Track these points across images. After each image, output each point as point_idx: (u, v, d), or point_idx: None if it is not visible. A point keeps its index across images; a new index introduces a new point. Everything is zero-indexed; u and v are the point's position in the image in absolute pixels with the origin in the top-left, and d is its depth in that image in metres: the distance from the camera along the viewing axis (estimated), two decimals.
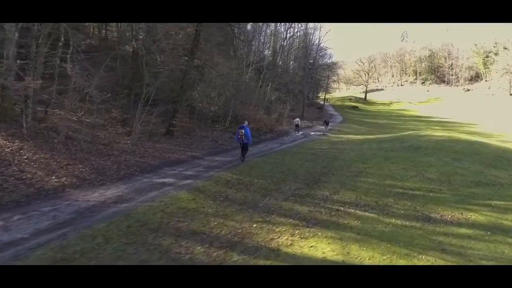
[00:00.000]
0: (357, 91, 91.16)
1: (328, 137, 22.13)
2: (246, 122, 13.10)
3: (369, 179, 9.78)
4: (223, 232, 5.57)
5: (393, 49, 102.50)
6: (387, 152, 13.61)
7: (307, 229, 6.11)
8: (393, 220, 6.95)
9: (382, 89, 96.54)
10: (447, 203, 8.11)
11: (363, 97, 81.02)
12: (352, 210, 7.37)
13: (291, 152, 14.12)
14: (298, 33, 49.22)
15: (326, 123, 27.00)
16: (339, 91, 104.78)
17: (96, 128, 12.48)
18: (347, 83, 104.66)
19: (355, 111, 60.66)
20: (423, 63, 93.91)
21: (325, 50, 53.28)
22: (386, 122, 47.68)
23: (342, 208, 7.45)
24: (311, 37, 48.95)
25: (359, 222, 6.72)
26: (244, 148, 11.74)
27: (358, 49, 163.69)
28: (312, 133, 24.70)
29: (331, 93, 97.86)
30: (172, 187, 7.78)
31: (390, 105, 74.53)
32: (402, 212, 7.49)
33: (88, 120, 12.97)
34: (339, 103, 72.05)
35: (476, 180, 9.87)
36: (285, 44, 44.75)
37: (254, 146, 15.87)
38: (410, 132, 21.30)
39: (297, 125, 24.19)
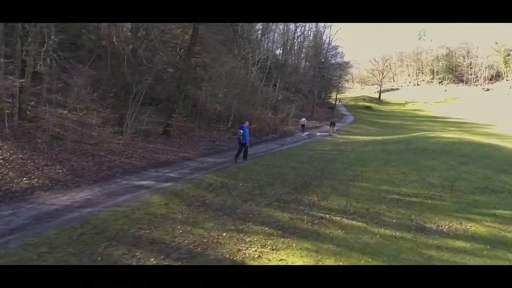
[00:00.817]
0: (371, 91, 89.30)
1: (334, 138, 21.42)
2: (247, 123, 13.05)
3: (364, 183, 9.16)
4: (187, 241, 5.13)
5: (409, 48, 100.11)
6: (390, 154, 12.89)
7: (282, 239, 5.61)
8: (381, 230, 6.37)
9: (397, 89, 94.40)
10: (446, 211, 7.45)
11: (377, 97, 79.17)
12: (338, 218, 6.82)
13: (287, 154, 13.58)
14: (310, 31, 48.52)
15: (333, 124, 26.22)
16: (354, 91, 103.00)
17: (91, 127, 12.32)
18: (361, 82, 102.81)
19: (368, 111, 59.23)
20: (441, 62, 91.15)
21: (336, 49, 52.21)
22: (399, 122, 46.26)
23: (327, 216, 6.90)
24: (322, 35, 48.03)
25: (343, 232, 6.16)
26: (242, 148, 11.67)
27: (373, 48, 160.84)
28: (318, 133, 24.00)
29: (344, 93, 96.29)
30: (149, 190, 7.41)
31: (405, 105, 72.62)
32: (394, 221, 6.89)
33: (85, 119, 12.86)
34: (352, 103, 70.53)
35: (482, 186, 9.12)
36: (295, 42, 44.11)
37: (253, 147, 15.42)
38: (420, 133, 20.35)
39: (302, 125, 23.55)
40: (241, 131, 11.62)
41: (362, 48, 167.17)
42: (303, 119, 24.25)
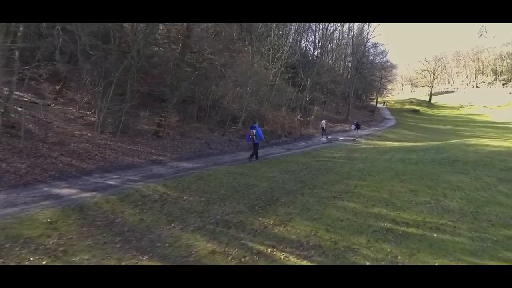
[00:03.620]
0: (422, 94, 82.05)
1: (356, 144, 18.77)
2: (258, 122, 12.83)
3: (351, 203, 6.95)
4: None
5: (467, 47, 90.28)
6: (407, 165, 10.31)
7: None
8: None
9: (452, 91, 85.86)
10: (455, 252, 5.09)
11: (428, 100, 72.39)
12: (283, 255, 4.84)
13: (280, 161, 11.54)
14: (349, 30, 45.19)
15: (357, 126, 23.17)
16: (403, 94, 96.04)
17: (66, 124, 11.55)
18: (411, 84, 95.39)
19: (414, 115, 54.06)
20: (505, 61, 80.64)
21: (377, 47, 48.05)
22: (449, 128, 41.13)
23: (269, 250, 4.95)
24: (361, 33, 44.50)
25: None
26: (255, 147, 11.68)
27: (426, 48, 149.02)
28: (342, 138, 21.38)
29: (391, 95, 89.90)
30: (55, 201, 6.00)
31: (460, 109, 65.32)
32: (367, 263, 4.73)
33: (55, 116, 12.13)
34: (398, 106, 65.16)
35: None
36: (333, 38, 41.22)
37: (251, 151, 13.67)
38: (459, 140, 16.95)
39: (323, 129, 21.15)
40: (254, 131, 11.48)
41: (414, 48, 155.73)
42: (323, 121, 21.75)
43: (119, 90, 12.83)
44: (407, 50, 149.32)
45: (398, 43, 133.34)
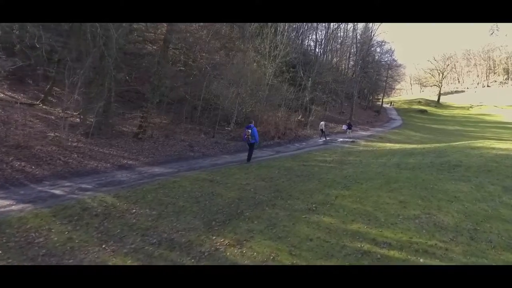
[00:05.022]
0: (431, 93, 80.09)
1: (354, 146, 17.68)
2: (253, 122, 12.55)
3: (326, 218, 5.97)
4: None
5: (478, 45, 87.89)
6: (402, 170, 9.26)
7: None
8: None
9: (462, 91, 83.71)
10: None
11: (436, 99, 70.49)
12: None
13: (261, 165, 10.56)
14: (354, 29, 43.89)
15: (349, 127, 22.01)
16: (411, 93, 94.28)
17: (49, 124, 10.86)
18: (419, 84, 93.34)
19: (422, 116, 52.50)
20: None
21: (382, 45, 46.63)
22: (457, 128, 39.59)
23: None
24: (365, 30, 43.19)
25: None
26: (251, 148, 11.54)
27: (436, 48, 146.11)
28: (340, 139, 20.29)
29: (400, 95, 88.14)
30: None
31: (470, 109, 63.28)
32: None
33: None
34: (405, 106, 63.54)
35: None
36: (336, 36, 40.01)
37: (236, 154, 12.82)
38: (465, 142, 15.72)
39: (321, 130, 20.11)
40: (249, 130, 11.27)
41: (423, 47, 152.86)
42: (322, 122, 20.67)
43: (100, 89, 12.10)
44: (416, 49, 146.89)
45: (407, 42, 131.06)
